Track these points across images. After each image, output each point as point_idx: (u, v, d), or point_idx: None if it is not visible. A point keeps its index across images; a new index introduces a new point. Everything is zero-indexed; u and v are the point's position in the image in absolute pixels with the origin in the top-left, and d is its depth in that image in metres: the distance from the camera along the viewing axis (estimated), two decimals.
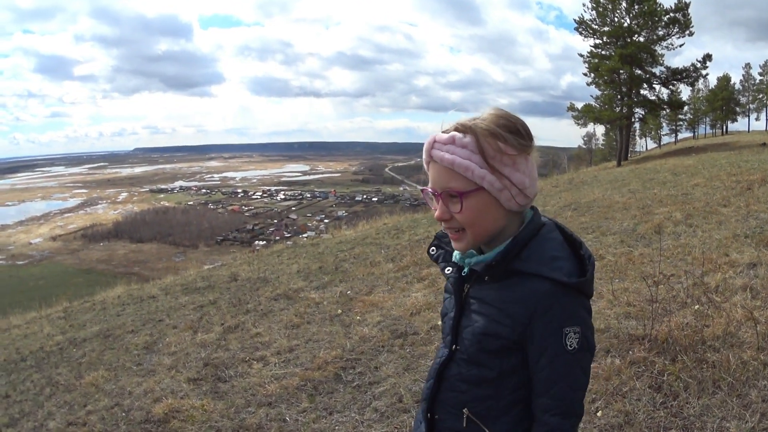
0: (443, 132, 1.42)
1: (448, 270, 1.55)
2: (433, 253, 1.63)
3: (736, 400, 3.19)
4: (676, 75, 35.48)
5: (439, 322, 4.98)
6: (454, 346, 1.50)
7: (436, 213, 1.44)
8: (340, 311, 6.25)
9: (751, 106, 69.74)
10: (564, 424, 1.34)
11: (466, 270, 1.50)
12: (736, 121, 70.09)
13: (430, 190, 1.44)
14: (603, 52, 35.66)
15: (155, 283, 10.87)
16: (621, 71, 34.14)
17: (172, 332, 6.64)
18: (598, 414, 3.27)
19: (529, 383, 1.39)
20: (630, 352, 3.88)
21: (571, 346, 1.31)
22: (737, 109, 68.20)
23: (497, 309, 1.38)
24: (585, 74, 36.65)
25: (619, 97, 36.01)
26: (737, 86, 68.47)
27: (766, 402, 3.14)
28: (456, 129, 1.40)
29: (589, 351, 1.35)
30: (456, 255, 1.51)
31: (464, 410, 1.44)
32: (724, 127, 70.90)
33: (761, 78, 67.80)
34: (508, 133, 1.36)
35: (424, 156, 1.44)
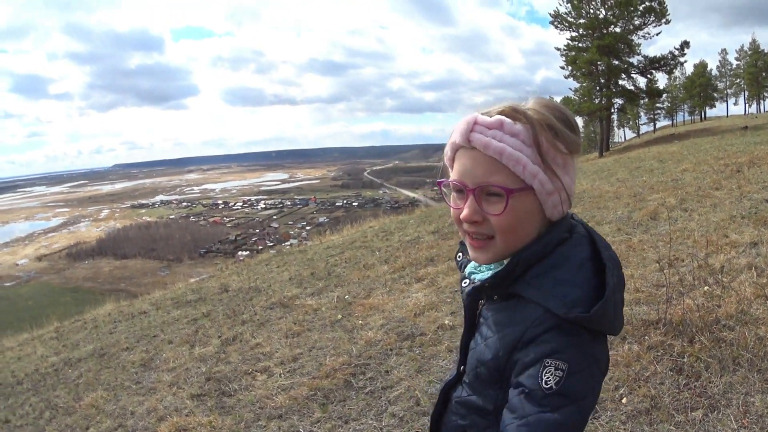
0: (484, 114, 1.17)
1: (465, 283, 1.30)
2: (459, 259, 1.38)
3: (757, 375, 3.23)
4: (654, 63, 35.83)
5: (446, 321, 4.89)
6: (461, 367, 1.33)
7: (464, 213, 1.16)
8: (340, 316, 6.10)
9: (729, 91, 70.92)
10: None
11: (466, 284, 1.29)
12: (715, 106, 71.31)
13: (456, 182, 1.18)
14: (580, 45, 35.91)
15: (144, 298, 10.68)
16: (599, 62, 34.37)
17: (168, 347, 6.49)
18: (623, 401, 3.24)
19: None
20: (646, 337, 3.85)
21: (546, 384, 1.04)
22: (715, 94, 69.20)
23: (493, 333, 1.19)
24: (562, 67, 36.99)
25: (597, 88, 36.27)
26: (714, 72, 69.51)
27: None
28: (503, 113, 1.16)
29: (569, 402, 1.04)
30: (470, 266, 1.30)
31: None
32: (703, 114, 71.85)
33: (738, 63, 68.81)
34: (563, 126, 1.16)
35: (456, 139, 1.17)
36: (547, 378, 1.04)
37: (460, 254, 1.37)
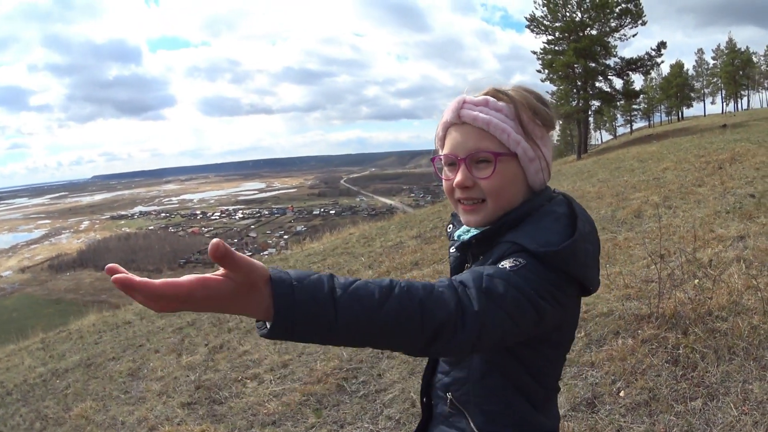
0: (473, 96, 1.33)
1: (453, 249, 1.44)
2: (449, 231, 1.48)
3: (753, 363, 3.27)
4: (631, 65, 36.18)
5: None
6: None
7: (457, 179, 1.28)
8: None
9: (706, 90, 71.86)
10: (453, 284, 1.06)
11: (453, 243, 1.42)
12: (692, 106, 72.22)
13: (448, 155, 1.31)
14: (556, 48, 36.15)
15: (128, 308, 10.47)
16: (575, 65, 34.59)
17: (156, 357, 6.41)
18: (621, 394, 3.26)
19: (510, 372, 1.26)
20: (639, 331, 3.87)
21: (502, 265, 1.12)
22: (692, 94, 70.02)
23: None
24: (539, 71, 37.22)
25: (574, 90, 36.50)
26: (691, 72, 70.35)
27: None
28: (487, 93, 1.32)
29: (515, 286, 1.07)
30: (459, 231, 1.38)
31: (448, 394, 1.36)
32: (680, 114, 72.63)
33: (714, 62, 69.71)
34: (540, 104, 1.32)
35: (447, 117, 1.32)
36: (505, 263, 1.12)
37: (451, 226, 1.48)
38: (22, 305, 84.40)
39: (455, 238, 1.39)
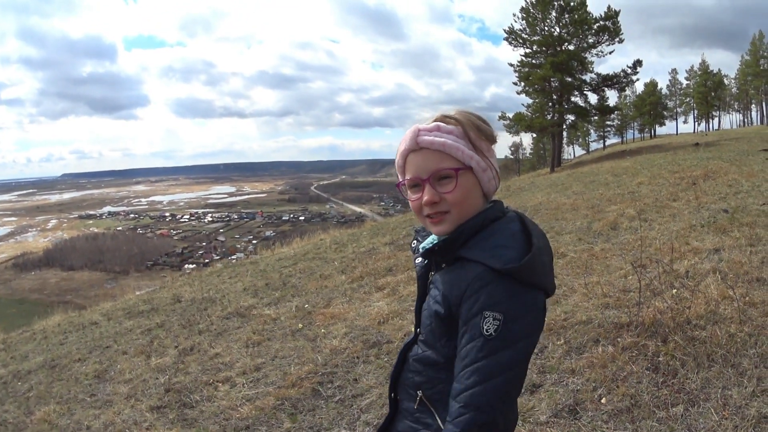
0: (424, 124, 1.50)
1: (419, 260, 1.60)
2: (414, 245, 1.66)
3: (732, 369, 3.36)
4: (607, 81, 36.66)
5: (412, 328, 4.84)
6: (417, 330, 1.56)
7: (425, 197, 1.44)
8: (300, 326, 5.99)
9: (679, 109, 73.37)
10: (465, 416, 1.27)
11: (418, 255, 1.58)
12: (664, 124, 73.59)
13: (411, 179, 1.48)
14: (533, 61, 36.49)
15: (94, 309, 10.37)
16: (552, 79, 34.94)
17: (123, 358, 6.24)
18: (603, 401, 3.26)
19: None
20: (619, 339, 3.88)
21: (487, 332, 1.27)
22: (665, 113, 71.38)
23: (440, 291, 1.41)
24: (515, 83, 37.51)
25: (550, 104, 36.87)
26: (664, 91, 71.72)
27: (758, 368, 3.33)
28: (437, 120, 1.49)
29: (508, 345, 1.28)
30: (423, 243, 1.56)
31: (418, 392, 1.48)
32: (653, 131, 73.94)
33: (687, 82, 71.22)
34: (483, 123, 1.51)
35: (406, 145, 1.48)
36: (487, 327, 1.27)
37: (415, 241, 1.65)
38: None
39: (420, 250, 1.55)
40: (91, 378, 5.85)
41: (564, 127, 39.00)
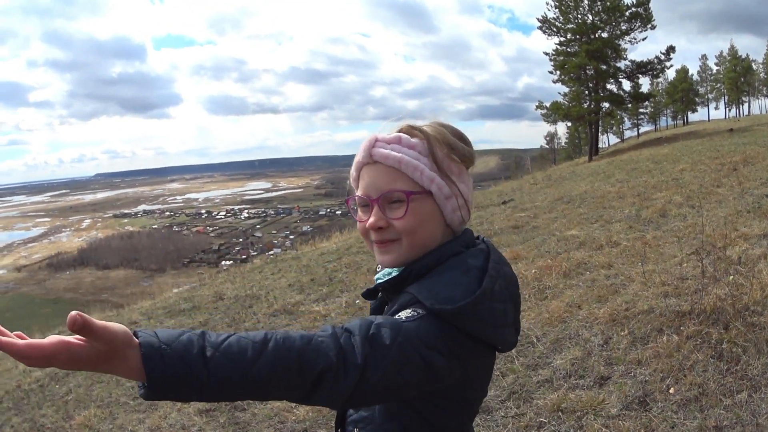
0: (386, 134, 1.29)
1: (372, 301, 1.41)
2: (377, 272, 1.39)
3: None
4: (641, 68, 36.11)
5: None
6: None
7: (370, 220, 1.23)
8: None
9: (710, 95, 72.12)
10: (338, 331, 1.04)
11: (373, 286, 1.36)
12: (696, 111, 72.38)
13: (361, 196, 1.26)
14: (568, 50, 36.09)
15: (133, 307, 10.09)
16: (588, 67, 34.52)
17: None
18: (671, 391, 3.26)
19: (410, 424, 1.20)
20: (682, 328, 3.87)
21: (400, 317, 1.09)
22: (696, 99, 70.24)
23: None
24: (551, 72, 37.09)
25: (586, 92, 36.44)
26: (695, 77, 70.55)
27: None
28: (401, 131, 1.28)
29: (404, 336, 1.04)
30: (378, 275, 1.33)
31: (355, 430, 1.29)
32: (685, 118, 72.81)
33: (718, 68, 69.99)
34: (457, 140, 1.28)
35: (359, 157, 1.27)
36: (401, 314, 1.10)
37: (378, 267, 1.38)
38: (17, 305, 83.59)
39: (375, 280, 1.34)
40: (134, 381, 5.75)
41: (600, 115, 38.55)
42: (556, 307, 4.75)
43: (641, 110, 57.46)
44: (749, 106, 71.97)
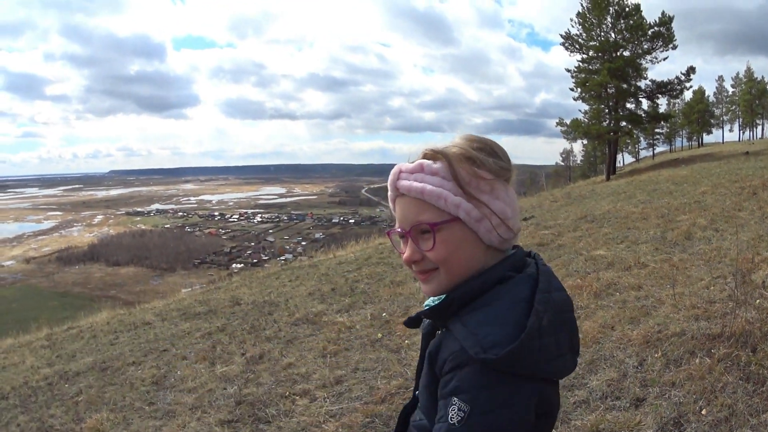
0: (410, 162, 1.26)
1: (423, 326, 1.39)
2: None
3: None
4: (661, 88, 35.99)
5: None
6: (416, 393, 1.37)
7: (405, 255, 1.23)
8: (380, 335, 5.71)
9: (725, 117, 71.85)
10: None
11: (417, 314, 1.36)
12: (711, 132, 72.12)
13: (398, 230, 1.25)
14: (590, 67, 36.02)
15: (145, 307, 10.11)
16: (609, 85, 34.45)
17: (183, 364, 5.97)
18: (703, 412, 3.31)
19: None
20: (713, 350, 3.91)
21: (452, 420, 1.07)
22: (711, 120, 70.03)
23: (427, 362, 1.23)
24: (571, 89, 37.00)
25: (606, 111, 36.34)
26: (711, 98, 70.39)
27: None
28: (424, 156, 1.25)
29: None
30: (427, 302, 1.32)
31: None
32: (700, 140, 72.53)
33: (734, 90, 69.80)
34: (484, 155, 1.22)
35: (389, 193, 1.27)
36: (452, 415, 1.07)
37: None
38: (24, 296, 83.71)
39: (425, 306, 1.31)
40: (149, 384, 5.56)
41: (619, 134, 38.42)
42: (590, 328, 4.76)
43: (657, 130, 57.33)
44: (763, 129, 72.07)
